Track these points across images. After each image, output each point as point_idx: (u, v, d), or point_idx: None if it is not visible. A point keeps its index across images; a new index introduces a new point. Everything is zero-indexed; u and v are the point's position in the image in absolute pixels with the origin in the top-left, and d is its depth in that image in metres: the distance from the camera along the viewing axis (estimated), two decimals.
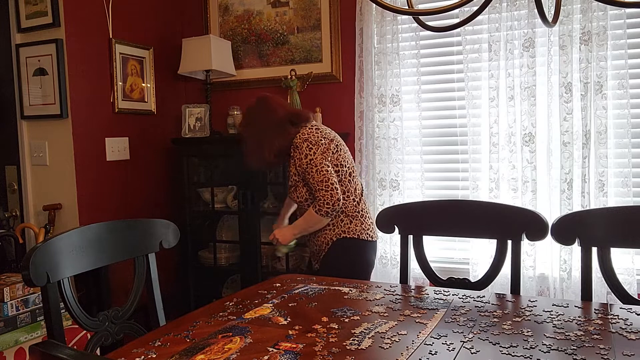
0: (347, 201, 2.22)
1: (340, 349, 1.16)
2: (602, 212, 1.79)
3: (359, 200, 2.27)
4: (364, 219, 2.26)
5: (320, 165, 2.14)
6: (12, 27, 2.71)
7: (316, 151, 2.15)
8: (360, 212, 2.25)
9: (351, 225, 2.22)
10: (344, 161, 2.23)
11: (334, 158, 2.19)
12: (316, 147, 2.16)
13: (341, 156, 2.22)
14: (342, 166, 2.21)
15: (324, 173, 2.13)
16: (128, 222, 1.59)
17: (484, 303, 1.47)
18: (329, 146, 2.18)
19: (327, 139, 2.20)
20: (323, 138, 2.19)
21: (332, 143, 2.20)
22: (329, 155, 2.17)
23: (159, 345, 1.22)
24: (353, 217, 2.23)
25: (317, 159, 2.14)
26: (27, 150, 2.75)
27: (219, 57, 3.05)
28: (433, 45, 2.79)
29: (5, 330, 2.03)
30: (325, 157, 2.16)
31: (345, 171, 2.22)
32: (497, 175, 2.57)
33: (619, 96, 2.38)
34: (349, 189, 2.23)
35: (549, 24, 1.11)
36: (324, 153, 2.16)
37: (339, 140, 2.27)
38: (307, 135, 2.18)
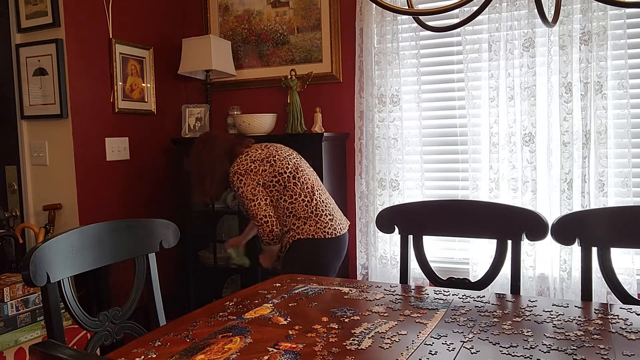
0: (295, 204, 2.26)
1: (340, 349, 1.16)
2: (602, 212, 1.79)
3: (311, 198, 2.28)
4: (319, 218, 2.28)
5: (249, 198, 2.23)
6: (12, 27, 2.71)
7: (246, 182, 2.23)
8: (314, 212, 2.28)
9: (304, 227, 2.26)
10: (282, 169, 2.26)
11: (269, 174, 2.24)
12: (245, 177, 2.23)
13: (277, 165, 2.26)
14: (281, 175, 2.25)
15: (254, 207, 2.23)
16: (128, 222, 1.59)
17: (484, 303, 1.47)
18: (258, 169, 2.24)
19: (258, 161, 2.26)
20: (252, 162, 2.25)
21: (263, 162, 2.25)
22: (259, 180, 2.24)
23: (159, 345, 1.22)
24: (307, 219, 2.27)
25: (247, 191, 2.23)
26: (27, 150, 2.75)
27: (219, 57, 3.05)
28: (433, 45, 2.79)
29: (5, 330, 2.03)
30: (255, 187, 2.23)
31: (286, 177, 2.25)
32: (497, 175, 2.57)
33: (619, 96, 2.38)
34: (295, 192, 2.26)
35: (549, 24, 1.11)
36: (253, 181, 2.23)
37: (274, 151, 2.30)
38: (236, 167, 2.26)
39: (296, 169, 2.29)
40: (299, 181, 2.27)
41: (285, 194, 2.26)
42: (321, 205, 2.31)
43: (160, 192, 3.25)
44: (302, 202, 2.26)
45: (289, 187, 2.26)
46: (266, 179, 2.25)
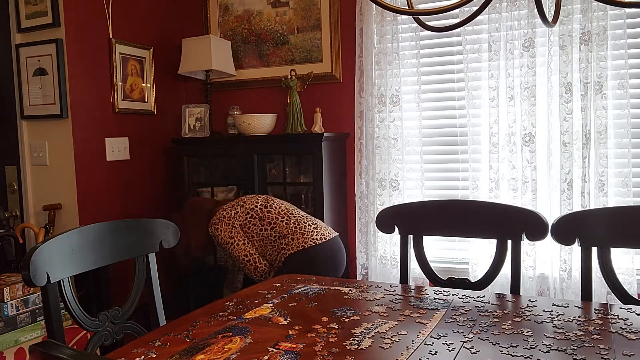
0: (276, 227, 2.34)
1: (340, 349, 1.16)
2: (602, 212, 1.79)
3: (289, 218, 2.36)
4: (304, 229, 2.33)
5: (228, 242, 2.35)
6: (12, 27, 2.71)
7: (221, 228, 2.36)
8: (296, 227, 2.33)
9: (293, 242, 2.31)
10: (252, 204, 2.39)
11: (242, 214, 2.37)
12: (219, 224, 2.36)
13: (247, 204, 2.40)
14: (253, 209, 2.38)
15: (234, 249, 2.35)
16: (128, 222, 1.59)
17: (484, 303, 1.47)
18: (230, 213, 2.38)
19: (229, 208, 2.40)
20: (223, 210, 2.40)
21: (234, 207, 2.39)
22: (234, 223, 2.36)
23: (159, 345, 1.22)
24: (293, 234, 2.32)
25: (224, 236, 2.35)
26: (27, 150, 2.75)
27: (219, 57, 3.05)
28: (433, 45, 2.79)
29: (5, 330, 2.03)
30: (230, 231, 2.35)
31: (258, 209, 2.38)
32: (497, 175, 2.57)
33: (619, 96, 2.38)
34: (272, 218, 2.36)
35: (549, 24, 1.11)
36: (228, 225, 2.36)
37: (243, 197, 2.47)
38: (212, 220, 2.41)
39: (266, 199, 2.42)
40: (272, 208, 2.38)
41: (263, 223, 2.36)
42: (302, 220, 2.37)
43: (160, 192, 3.25)
44: (281, 223, 2.34)
45: (265, 217, 2.36)
46: (240, 220, 2.37)
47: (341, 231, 2.94)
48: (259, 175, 2.91)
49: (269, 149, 2.92)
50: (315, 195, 2.77)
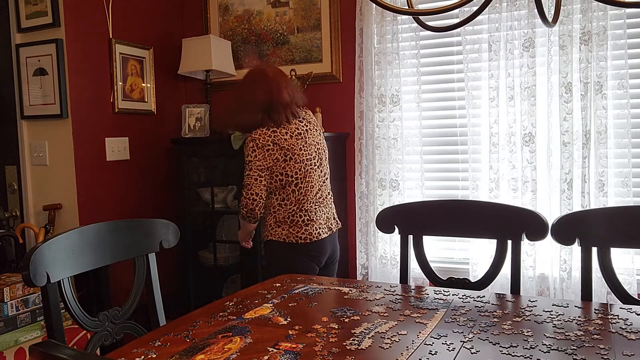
0: (283, 208, 2.23)
1: (340, 349, 1.16)
2: (602, 212, 1.79)
3: (299, 207, 2.22)
4: (297, 226, 2.23)
5: (252, 171, 2.17)
6: (12, 27, 2.71)
7: (258, 155, 2.16)
8: (294, 220, 2.23)
9: (278, 230, 2.25)
10: (292, 171, 2.19)
11: (280, 167, 2.18)
12: (259, 151, 2.16)
13: (289, 165, 2.18)
14: (287, 175, 2.19)
15: (251, 180, 2.17)
16: (128, 222, 1.59)
17: (484, 303, 1.47)
18: (274, 154, 2.16)
19: (277, 147, 2.17)
20: (272, 143, 2.16)
21: (283, 151, 2.17)
22: (267, 166, 2.17)
23: (159, 345, 1.22)
24: (282, 223, 2.24)
25: (254, 163, 2.17)
26: (27, 150, 2.75)
27: (219, 57, 3.05)
28: (433, 45, 2.79)
29: (5, 330, 2.03)
30: (262, 166, 2.16)
31: (290, 181, 2.19)
32: (497, 175, 2.57)
33: (619, 96, 2.38)
34: (291, 199, 2.21)
35: (549, 24, 1.11)
36: (264, 158, 2.16)
37: (296, 150, 2.19)
38: (257, 136, 2.17)
39: (304, 175, 2.22)
40: (297, 188, 2.21)
41: (278, 193, 2.22)
42: (304, 214, 2.24)
43: (160, 192, 3.25)
44: (288, 209, 2.23)
45: (286, 191, 2.21)
46: (274, 169, 2.19)
47: (341, 231, 2.94)
48: None
49: None
50: None
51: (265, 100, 2.21)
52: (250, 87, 2.27)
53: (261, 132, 2.18)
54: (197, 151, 3.07)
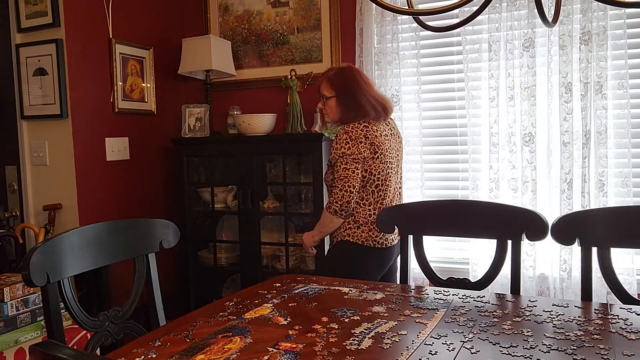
0: (362, 209, 2.17)
1: (340, 349, 1.16)
2: (602, 212, 1.79)
3: (377, 208, 2.18)
4: (376, 229, 2.17)
5: (349, 163, 2.11)
6: (12, 27, 2.71)
7: (352, 147, 2.11)
8: (370, 222, 2.18)
9: (357, 231, 2.18)
10: (377, 170, 2.15)
11: (367, 164, 2.14)
12: (353, 143, 2.12)
13: (375, 164, 2.15)
14: (371, 174, 2.15)
15: (348, 172, 2.11)
16: (128, 222, 1.59)
17: (484, 303, 1.47)
18: (367, 148, 2.13)
19: (369, 141, 2.13)
20: (365, 138, 2.13)
21: (373, 147, 2.14)
22: (362, 157, 2.12)
23: (159, 345, 1.22)
24: (362, 224, 2.17)
25: (349, 155, 2.12)
26: (27, 150, 2.75)
27: (219, 57, 3.05)
28: (433, 45, 2.79)
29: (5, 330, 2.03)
30: (358, 157, 2.12)
31: (373, 180, 2.16)
32: (497, 175, 2.57)
33: (619, 96, 2.38)
34: (370, 199, 2.17)
35: (549, 24, 1.11)
36: (359, 153, 2.12)
37: (385, 147, 2.17)
38: (349, 129, 2.15)
39: (385, 177, 2.19)
40: (379, 191, 2.18)
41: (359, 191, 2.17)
42: None
43: (160, 192, 3.25)
44: (369, 210, 2.17)
45: (367, 190, 2.17)
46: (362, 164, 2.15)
47: None
48: (259, 175, 2.91)
49: (269, 149, 2.92)
50: (315, 195, 2.76)
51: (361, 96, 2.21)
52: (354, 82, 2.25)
53: (354, 126, 2.16)
54: (197, 151, 3.07)
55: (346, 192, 2.11)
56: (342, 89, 2.25)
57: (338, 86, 2.26)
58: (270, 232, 2.99)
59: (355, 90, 2.23)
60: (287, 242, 2.88)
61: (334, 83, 2.27)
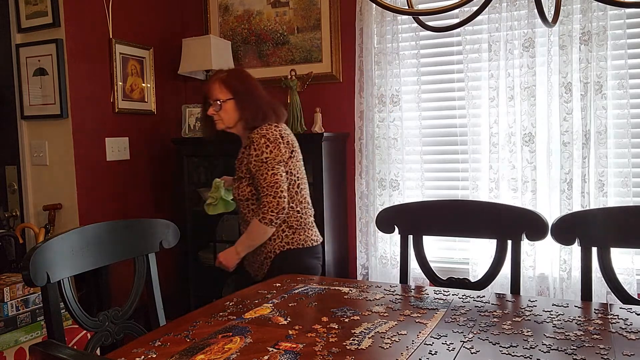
0: (292, 212, 2.12)
1: (340, 349, 1.16)
2: (602, 212, 1.79)
3: (304, 212, 2.17)
4: (307, 228, 2.18)
5: (274, 168, 2.03)
6: (12, 27, 2.71)
7: (273, 150, 2.04)
8: (303, 224, 2.16)
9: (294, 237, 2.13)
10: (295, 169, 2.12)
11: (287, 165, 2.09)
12: (273, 146, 2.04)
13: (293, 163, 2.11)
14: (292, 174, 2.11)
15: (277, 177, 2.03)
16: (128, 222, 1.59)
17: (484, 303, 1.47)
18: (287, 148, 2.08)
19: (285, 141, 2.09)
20: (282, 138, 2.08)
21: (289, 147, 2.10)
22: (284, 159, 2.07)
23: (159, 345, 1.22)
24: (296, 229, 2.14)
25: (273, 159, 2.04)
26: (27, 150, 2.75)
27: (219, 57, 3.05)
28: (433, 45, 2.79)
29: (5, 330, 2.03)
30: (280, 160, 2.05)
31: (294, 180, 2.11)
32: (497, 175, 2.57)
33: (619, 96, 2.38)
34: (296, 201, 2.12)
35: (549, 24, 1.11)
36: (281, 155, 2.06)
37: (296, 146, 2.16)
38: (265, 131, 2.06)
39: (303, 175, 2.18)
40: (300, 191, 2.15)
41: None
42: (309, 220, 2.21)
43: (160, 192, 3.25)
44: (296, 212, 2.14)
45: (291, 192, 2.11)
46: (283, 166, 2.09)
47: (341, 231, 2.95)
48: None
49: None
50: (315, 195, 2.76)
51: (260, 97, 2.17)
52: (250, 82, 2.21)
53: (267, 127, 2.09)
54: (197, 151, 3.07)
55: (280, 199, 2.02)
56: (240, 90, 2.14)
57: (235, 87, 2.15)
58: None
59: (252, 91, 2.16)
60: None
61: (230, 84, 2.15)
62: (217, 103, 2.15)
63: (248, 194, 2.13)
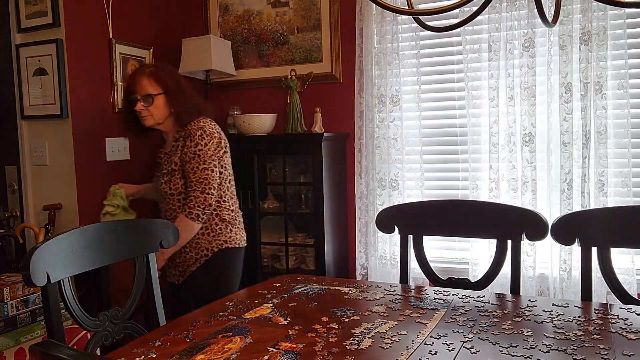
0: (223, 206, 2.10)
1: (340, 349, 1.16)
2: (602, 212, 1.79)
3: (235, 207, 2.17)
4: (241, 227, 2.18)
5: (206, 162, 1.99)
6: (12, 27, 2.71)
7: (208, 143, 2.00)
8: (237, 220, 2.15)
9: (231, 234, 2.11)
10: (228, 164, 2.09)
11: (222, 160, 2.07)
12: (209, 139, 2.01)
13: (227, 158, 2.08)
14: (226, 169, 2.09)
15: (207, 173, 1.98)
16: (128, 222, 1.60)
17: (484, 303, 1.47)
18: (219, 144, 2.05)
19: (220, 136, 2.07)
20: (219, 134, 2.06)
21: (223, 141, 2.07)
22: (218, 153, 2.04)
23: (159, 345, 1.22)
24: (230, 223, 2.12)
25: (206, 154, 1.99)
26: (27, 150, 2.75)
27: (219, 57, 3.05)
28: (433, 45, 2.79)
29: (5, 330, 2.03)
30: (215, 155, 2.02)
31: (227, 176, 2.09)
32: (497, 175, 2.57)
33: (619, 96, 2.38)
34: (227, 195, 2.10)
35: (549, 24, 1.11)
36: (216, 149, 2.02)
37: (227, 142, 2.15)
38: (203, 124, 2.03)
39: (231, 173, 2.16)
40: (231, 184, 2.14)
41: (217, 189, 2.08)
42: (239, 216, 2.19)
43: None
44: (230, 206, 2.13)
45: (224, 186, 2.08)
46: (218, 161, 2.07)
47: (341, 231, 2.95)
48: (259, 175, 2.91)
49: (269, 149, 2.92)
50: (315, 195, 2.77)
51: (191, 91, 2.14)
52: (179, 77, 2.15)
53: (204, 121, 2.05)
54: None
55: (207, 195, 1.98)
56: (171, 85, 2.07)
57: (166, 82, 2.07)
58: (270, 232, 2.99)
59: (182, 86, 2.10)
60: (287, 242, 2.88)
61: (160, 78, 2.06)
62: (148, 98, 2.06)
63: (181, 187, 2.07)
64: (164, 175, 2.10)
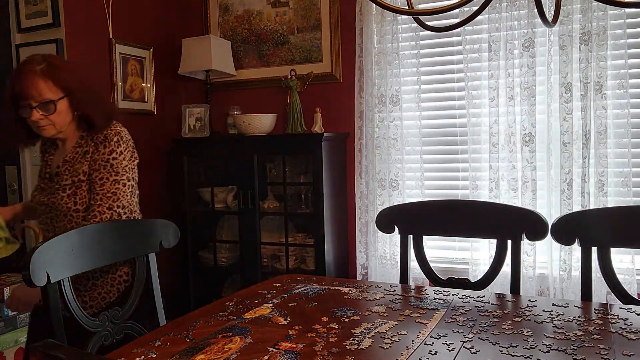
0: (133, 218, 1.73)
1: (340, 349, 1.16)
2: (602, 212, 1.80)
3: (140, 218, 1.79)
4: None
5: (119, 174, 1.65)
6: (12, 27, 2.71)
7: (124, 151, 1.68)
8: None
9: None
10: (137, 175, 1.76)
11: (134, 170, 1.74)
12: (125, 147, 1.69)
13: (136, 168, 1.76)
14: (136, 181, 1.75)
15: (118, 187, 1.63)
16: (128, 222, 1.59)
17: (484, 303, 1.47)
18: (134, 153, 1.76)
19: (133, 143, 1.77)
20: (131, 140, 1.76)
21: (135, 151, 1.77)
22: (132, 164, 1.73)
23: (159, 345, 1.22)
24: None
25: (120, 163, 1.66)
26: (27, 150, 2.74)
27: (219, 57, 3.05)
28: (433, 45, 2.79)
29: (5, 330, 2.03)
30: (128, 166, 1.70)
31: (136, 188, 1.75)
32: (497, 175, 2.57)
33: (619, 96, 2.38)
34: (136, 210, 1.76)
35: (548, 24, 1.11)
36: (130, 159, 1.72)
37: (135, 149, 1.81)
38: (120, 129, 1.71)
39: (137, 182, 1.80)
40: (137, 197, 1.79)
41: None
42: None
43: (160, 192, 3.25)
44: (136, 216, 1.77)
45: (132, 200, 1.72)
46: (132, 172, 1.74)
47: (341, 231, 2.95)
48: (259, 175, 2.91)
49: (269, 149, 2.92)
50: (315, 195, 2.77)
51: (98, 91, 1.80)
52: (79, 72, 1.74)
53: (121, 127, 1.73)
54: (197, 151, 3.07)
55: (114, 212, 1.61)
56: (72, 86, 1.64)
57: (66, 81, 1.63)
58: (270, 232, 2.99)
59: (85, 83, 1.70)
60: (287, 242, 2.88)
61: (59, 79, 1.61)
62: (48, 105, 1.59)
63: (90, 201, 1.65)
64: (66, 188, 1.66)
